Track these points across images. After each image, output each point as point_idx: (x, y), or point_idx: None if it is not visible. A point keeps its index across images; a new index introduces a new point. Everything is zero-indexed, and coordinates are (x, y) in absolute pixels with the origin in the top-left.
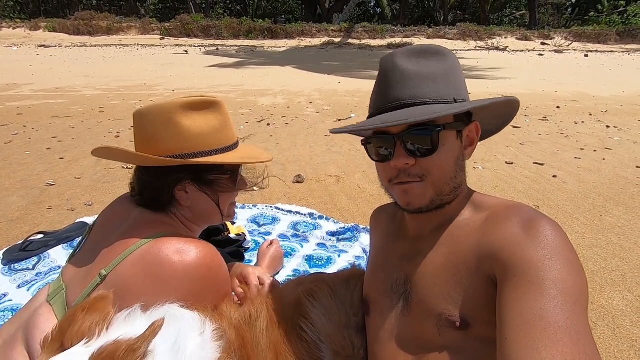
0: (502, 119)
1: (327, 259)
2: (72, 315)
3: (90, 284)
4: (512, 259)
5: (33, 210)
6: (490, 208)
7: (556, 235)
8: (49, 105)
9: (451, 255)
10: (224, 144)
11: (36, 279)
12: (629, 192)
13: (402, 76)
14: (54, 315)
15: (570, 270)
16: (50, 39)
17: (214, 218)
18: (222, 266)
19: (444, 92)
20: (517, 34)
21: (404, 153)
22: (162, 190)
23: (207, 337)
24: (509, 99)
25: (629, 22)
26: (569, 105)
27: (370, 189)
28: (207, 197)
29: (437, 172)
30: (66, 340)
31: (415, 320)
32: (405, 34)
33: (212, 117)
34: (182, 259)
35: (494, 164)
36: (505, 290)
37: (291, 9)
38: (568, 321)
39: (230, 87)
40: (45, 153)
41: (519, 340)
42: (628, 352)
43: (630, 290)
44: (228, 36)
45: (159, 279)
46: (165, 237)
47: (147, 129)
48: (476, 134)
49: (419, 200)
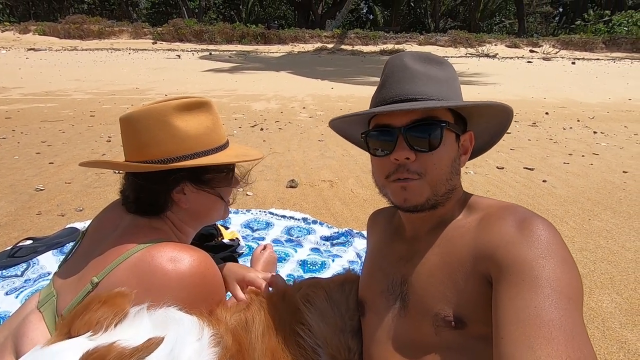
0: (493, 134)
1: (321, 264)
2: (88, 304)
3: (82, 291)
4: (507, 258)
5: (22, 216)
6: (485, 209)
7: (550, 235)
8: (39, 109)
9: (447, 255)
10: (218, 143)
11: (25, 286)
12: (616, 197)
13: (411, 74)
14: (44, 323)
15: (564, 268)
16: (40, 43)
17: (214, 215)
18: (216, 274)
19: (446, 95)
20: (507, 41)
21: (406, 146)
22: (159, 193)
23: (205, 343)
24: (506, 106)
25: (614, 31)
26: (558, 112)
27: (363, 194)
28: (207, 194)
29: (435, 170)
30: (73, 328)
31: (412, 320)
32: (397, 40)
33: (204, 117)
34: (176, 267)
35: (485, 168)
36: (501, 289)
37: (284, 15)
38: (562, 319)
39: (223, 91)
40: (34, 157)
41: (514, 338)
42: (617, 354)
43: (618, 292)
44: (221, 41)
45: (152, 287)
46: (158, 245)
47: (142, 134)
48: (470, 143)
49: (416, 197)
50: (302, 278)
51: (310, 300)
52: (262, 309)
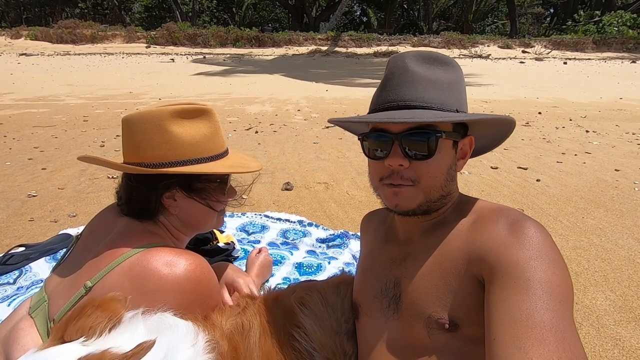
0: (495, 139)
1: (317, 266)
2: (82, 308)
3: (75, 295)
4: (499, 260)
5: (14, 222)
6: (478, 211)
7: (541, 237)
8: (31, 114)
9: (440, 258)
10: (214, 152)
11: (17, 293)
12: (608, 195)
13: (412, 78)
14: (35, 328)
15: (555, 270)
16: (32, 48)
17: (204, 225)
18: (212, 278)
19: (447, 101)
20: (499, 42)
21: (400, 154)
22: (150, 197)
23: (199, 349)
24: (508, 118)
25: (604, 31)
26: (550, 111)
27: (359, 196)
28: (197, 203)
29: (428, 178)
30: (67, 333)
31: (405, 323)
32: (391, 42)
33: (202, 124)
34: (172, 271)
35: (480, 168)
36: (493, 291)
37: (278, 18)
38: (554, 320)
39: (217, 95)
40: (26, 163)
41: (506, 340)
42: (612, 351)
43: (612, 290)
44: (215, 44)
45: (147, 291)
46: (154, 249)
47: (137, 136)
48: (469, 147)
49: (407, 203)
50: (298, 281)
51: (305, 303)
52: (257, 314)
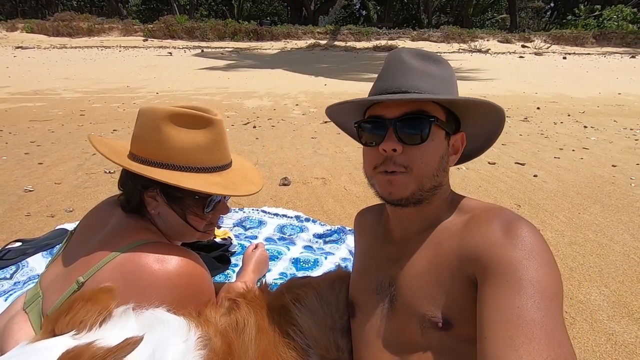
0: (486, 139)
1: (313, 262)
2: (73, 302)
3: (67, 291)
4: (492, 260)
5: (10, 217)
6: (472, 211)
7: (534, 238)
8: (27, 108)
9: (434, 257)
10: (206, 164)
11: (14, 289)
12: (605, 190)
13: (407, 68)
14: (30, 323)
15: (547, 270)
16: (28, 40)
17: (182, 237)
18: (204, 274)
19: (440, 91)
20: (499, 36)
21: (394, 138)
22: (134, 190)
23: (191, 345)
24: (497, 106)
25: (604, 26)
26: (549, 106)
27: (356, 191)
28: (175, 214)
29: (421, 164)
30: (57, 326)
31: (400, 321)
32: (391, 36)
33: (200, 134)
34: (163, 267)
35: (477, 164)
36: (485, 290)
37: (276, 11)
38: (544, 319)
39: (215, 89)
40: (23, 158)
41: (498, 338)
42: (605, 346)
43: (606, 285)
44: (213, 38)
45: (138, 287)
46: (146, 245)
47: (138, 128)
48: (461, 144)
49: (400, 191)
50: (294, 276)
51: (300, 299)
52: (252, 310)
